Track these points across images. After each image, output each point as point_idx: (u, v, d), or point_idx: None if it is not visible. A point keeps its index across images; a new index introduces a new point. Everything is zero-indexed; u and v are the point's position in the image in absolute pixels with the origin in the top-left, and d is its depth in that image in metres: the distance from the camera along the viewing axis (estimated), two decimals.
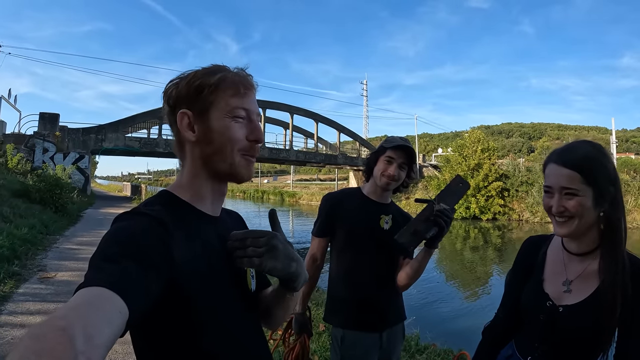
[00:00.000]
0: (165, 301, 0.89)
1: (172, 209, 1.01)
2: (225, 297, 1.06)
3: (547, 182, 1.43)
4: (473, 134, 38.03)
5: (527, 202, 33.70)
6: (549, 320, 1.45)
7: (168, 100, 1.09)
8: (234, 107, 1.06)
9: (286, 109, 39.63)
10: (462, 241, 23.63)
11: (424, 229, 1.85)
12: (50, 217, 13.58)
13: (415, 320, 5.93)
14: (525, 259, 1.66)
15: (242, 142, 1.07)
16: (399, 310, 2.35)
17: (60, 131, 25.51)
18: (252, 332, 1.15)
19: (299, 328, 2.43)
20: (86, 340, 0.62)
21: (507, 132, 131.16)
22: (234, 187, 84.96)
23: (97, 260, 0.83)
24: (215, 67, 1.09)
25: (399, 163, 2.23)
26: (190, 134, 1.06)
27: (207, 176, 1.10)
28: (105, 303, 0.72)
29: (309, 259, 2.39)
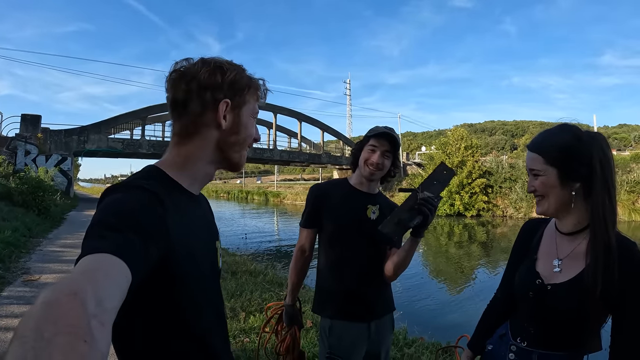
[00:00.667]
0: (156, 276, 0.91)
1: (162, 186, 1.03)
2: (209, 274, 1.14)
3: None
4: (456, 131, 38.30)
5: (511, 198, 34.09)
6: (537, 299, 1.48)
7: (202, 82, 1.11)
8: (256, 111, 1.23)
9: (270, 108, 39.47)
10: (447, 238, 23.82)
11: (407, 218, 1.83)
12: (34, 219, 13.41)
13: (403, 315, 5.98)
14: (523, 241, 1.70)
15: (251, 139, 1.23)
16: (387, 301, 2.34)
17: (42, 133, 25.15)
18: (220, 305, 1.24)
19: (290, 320, 2.44)
20: (97, 303, 0.63)
21: (490, 130, 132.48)
22: (218, 188, 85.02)
23: (98, 229, 0.84)
24: (245, 70, 1.20)
25: (382, 151, 2.22)
26: (224, 122, 1.14)
27: (213, 160, 1.18)
28: (112, 268, 0.74)
29: (298, 251, 2.39)
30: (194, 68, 1.12)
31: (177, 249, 0.97)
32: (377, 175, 2.26)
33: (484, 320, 1.83)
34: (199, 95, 1.11)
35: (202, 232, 1.15)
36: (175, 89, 1.12)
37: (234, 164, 1.22)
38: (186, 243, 1.01)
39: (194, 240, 1.06)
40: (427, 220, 1.83)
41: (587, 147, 1.39)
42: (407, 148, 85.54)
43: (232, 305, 5.74)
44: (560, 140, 1.44)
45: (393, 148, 2.25)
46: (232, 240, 17.83)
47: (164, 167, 1.12)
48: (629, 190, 29.75)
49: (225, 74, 1.12)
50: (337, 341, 2.19)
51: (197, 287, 1.06)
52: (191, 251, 1.03)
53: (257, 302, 5.96)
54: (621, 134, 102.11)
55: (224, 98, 1.12)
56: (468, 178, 34.53)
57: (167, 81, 1.14)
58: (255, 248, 17.17)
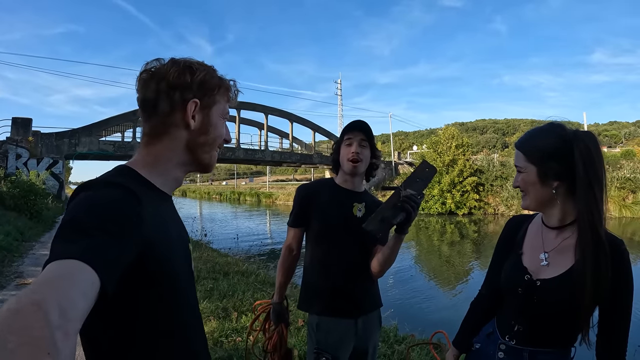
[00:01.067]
0: (131, 276, 0.90)
1: (136, 183, 1.03)
2: (181, 276, 1.09)
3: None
4: (447, 130, 38.30)
5: (502, 196, 34.20)
6: (527, 294, 1.48)
7: (171, 82, 1.10)
8: (227, 112, 1.24)
9: (261, 109, 39.43)
10: (439, 236, 23.83)
11: (391, 215, 1.84)
12: (26, 223, 13.36)
13: (394, 313, 6.01)
14: (508, 236, 1.71)
15: (222, 140, 1.23)
16: (374, 297, 2.36)
17: (33, 136, 24.92)
18: (196, 306, 1.22)
19: (277, 318, 2.47)
20: (61, 314, 0.63)
21: (481, 128, 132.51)
22: (210, 189, 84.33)
23: (68, 231, 0.82)
24: (215, 70, 1.20)
25: (358, 140, 2.26)
26: (192, 122, 1.13)
27: (183, 161, 1.17)
28: (78, 276, 0.72)
29: (285, 250, 2.42)
30: (164, 68, 1.11)
31: (155, 246, 0.96)
32: (360, 168, 2.28)
33: (469, 317, 1.82)
34: (167, 95, 1.10)
35: (177, 232, 1.14)
36: (145, 89, 1.11)
37: (204, 164, 1.20)
38: (163, 240, 1.01)
39: (170, 239, 1.06)
40: (411, 216, 1.85)
41: (568, 146, 1.41)
42: (399, 147, 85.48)
43: (224, 306, 5.75)
44: (542, 139, 1.48)
45: (368, 136, 2.28)
46: (224, 242, 17.74)
47: (135, 166, 1.10)
48: (619, 187, 29.98)
49: (194, 74, 1.12)
50: (325, 337, 2.20)
51: (176, 284, 1.06)
52: (168, 249, 1.03)
53: (249, 302, 5.97)
54: (611, 131, 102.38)
55: (193, 98, 1.12)
56: (459, 176, 34.57)
57: (137, 81, 1.13)
58: (247, 249, 17.09)
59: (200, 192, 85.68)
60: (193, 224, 18.03)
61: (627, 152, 40.70)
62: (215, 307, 5.68)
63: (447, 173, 34.79)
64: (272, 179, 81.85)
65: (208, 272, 7.98)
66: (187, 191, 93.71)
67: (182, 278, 1.09)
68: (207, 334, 4.72)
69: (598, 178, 1.40)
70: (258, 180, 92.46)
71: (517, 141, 1.56)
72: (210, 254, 10.60)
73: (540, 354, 1.47)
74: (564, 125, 1.49)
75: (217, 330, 4.81)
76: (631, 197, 30.04)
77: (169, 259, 1.03)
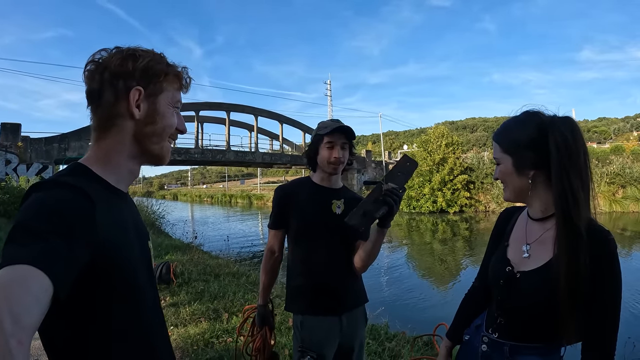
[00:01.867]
0: (86, 276, 0.88)
1: (88, 182, 1.00)
2: (138, 276, 1.07)
3: None
4: (437, 129, 38.38)
5: (493, 194, 34.30)
6: (507, 286, 1.47)
7: (113, 70, 1.06)
8: (177, 100, 1.18)
9: (250, 111, 39.29)
10: (431, 234, 23.89)
11: (373, 209, 1.85)
12: None
13: (384, 311, 6.03)
14: (499, 228, 1.71)
15: (173, 130, 1.18)
16: (358, 293, 2.36)
17: (22, 142, 24.64)
18: (157, 306, 1.19)
19: (261, 320, 2.47)
20: (14, 321, 0.62)
21: (471, 126, 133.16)
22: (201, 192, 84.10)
23: (19, 234, 0.81)
24: (163, 57, 1.16)
25: (340, 144, 2.27)
26: (137, 111, 1.08)
27: (133, 154, 1.13)
28: (30, 282, 0.71)
29: (267, 252, 2.42)
30: (108, 57, 1.08)
31: (108, 247, 0.94)
32: (340, 169, 2.30)
33: (462, 309, 1.82)
34: (111, 85, 1.06)
35: (133, 230, 1.11)
36: (90, 80, 1.07)
37: (155, 156, 1.16)
38: (117, 240, 0.99)
39: (125, 238, 1.04)
40: (393, 210, 1.85)
41: (544, 134, 1.39)
42: (390, 147, 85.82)
43: (215, 307, 5.77)
44: (517, 129, 1.47)
45: (348, 139, 2.30)
46: (215, 244, 17.71)
47: (88, 163, 1.07)
48: (609, 182, 30.25)
49: (137, 61, 1.08)
50: (309, 335, 2.21)
51: (133, 283, 1.04)
52: (123, 248, 1.01)
53: (239, 302, 5.98)
54: (601, 127, 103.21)
55: (136, 86, 1.07)
56: (450, 175, 34.64)
57: (84, 73, 1.08)
58: (238, 250, 17.09)
59: (191, 195, 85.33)
60: (184, 227, 17.98)
61: (616, 147, 41.04)
62: (206, 308, 5.69)
63: (438, 172, 34.89)
64: (264, 180, 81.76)
65: (199, 274, 7.97)
66: (179, 194, 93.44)
67: (139, 276, 1.07)
68: (198, 334, 4.74)
69: (574, 164, 1.35)
70: (249, 182, 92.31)
71: (494, 132, 1.56)
72: (201, 256, 10.57)
73: (523, 349, 1.43)
74: (540, 112, 1.47)
75: (208, 331, 4.82)
76: (621, 191, 30.36)
77: (125, 258, 1.01)
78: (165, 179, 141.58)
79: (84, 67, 1.09)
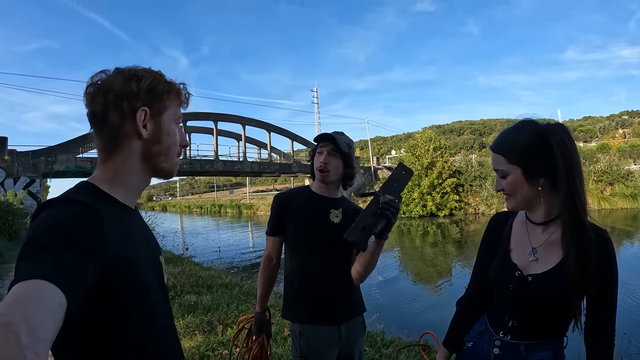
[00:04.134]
0: (96, 292, 0.89)
1: (97, 199, 1.01)
2: (149, 290, 1.08)
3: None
4: (424, 133, 38.68)
5: (482, 196, 34.63)
6: (519, 290, 1.50)
7: (116, 92, 1.07)
8: (180, 116, 1.21)
9: (238, 120, 39.28)
10: (422, 238, 24.03)
11: (372, 223, 1.85)
12: (4, 245, 13.06)
13: (379, 317, 6.00)
14: (493, 233, 1.71)
15: (179, 146, 1.21)
16: (356, 303, 2.36)
17: (9, 155, 24.34)
18: (170, 321, 1.21)
19: (259, 328, 2.44)
20: (31, 334, 0.63)
21: (458, 130, 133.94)
22: (190, 203, 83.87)
23: (31, 250, 0.82)
24: (162, 75, 1.17)
25: (327, 150, 2.26)
26: (144, 131, 1.10)
27: (142, 172, 1.15)
28: (45, 296, 0.72)
29: (265, 259, 2.41)
30: (110, 79, 1.09)
31: (118, 262, 0.95)
32: (329, 177, 2.28)
33: (458, 317, 1.82)
34: (115, 106, 1.07)
35: (143, 246, 1.13)
36: (93, 103, 1.08)
37: (165, 172, 1.19)
38: (127, 256, 1.00)
39: (135, 253, 1.04)
40: (391, 222, 1.87)
41: (546, 141, 1.43)
42: (377, 152, 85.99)
43: (209, 319, 5.69)
44: (520, 139, 1.48)
45: (338, 147, 2.26)
46: (206, 255, 17.62)
47: (97, 182, 1.08)
48: (596, 180, 30.84)
49: (140, 82, 1.09)
50: (308, 345, 2.19)
51: (145, 298, 1.04)
52: (133, 264, 1.01)
53: (233, 314, 5.92)
54: (586, 126, 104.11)
55: (142, 106, 1.09)
56: (439, 178, 34.87)
57: (85, 96, 1.09)
58: (230, 261, 17.01)
59: (180, 206, 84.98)
60: (174, 239, 17.86)
61: (602, 145, 41.74)
62: (200, 321, 5.62)
63: (427, 176, 35.11)
64: (253, 189, 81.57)
65: (191, 286, 7.90)
66: (168, 205, 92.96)
67: (151, 291, 1.08)
68: (193, 348, 4.68)
69: (577, 168, 1.42)
70: (238, 191, 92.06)
71: (494, 144, 1.55)
72: (193, 268, 10.48)
73: (537, 346, 1.50)
74: (535, 120, 1.51)
75: (203, 344, 4.76)
76: (609, 189, 30.95)
77: (135, 274, 1.02)
78: (153, 190, 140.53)
79: (84, 89, 1.10)
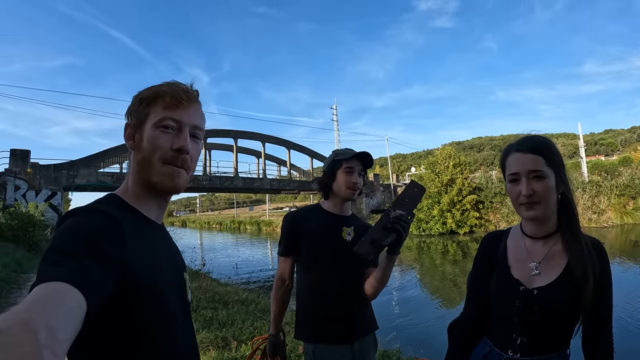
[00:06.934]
0: (115, 301, 0.89)
1: (121, 211, 1.03)
2: (170, 304, 1.07)
3: (512, 169, 1.49)
4: (444, 150, 38.49)
5: (503, 212, 34.19)
6: (526, 304, 1.47)
7: (126, 112, 1.15)
8: (162, 118, 1.10)
9: (258, 137, 39.64)
10: (442, 256, 23.73)
11: (382, 237, 1.85)
12: (24, 255, 13.34)
13: (396, 336, 5.93)
14: (486, 253, 1.69)
15: (167, 151, 1.09)
16: (368, 320, 2.35)
17: (31, 168, 24.86)
18: (189, 341, 1.18)
19: (273, 350, 2.41)
20: (49, 334, 0.62)
21: (477, 146, 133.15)
22: (210, 218, 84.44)
23: (54, 254, 0.83)
24: (161, 83, 1.15)
25: (358, 171, 2.30)
26: (130, 143, 1.13)
27: (142, 184, 1.13)
28: (66, 297, 0.73)
29: (278, 280, 2.40)
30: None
31: (137, 273, 0.95)
32: (356, 195, 2.32)
33: (457, 341, 1.77)
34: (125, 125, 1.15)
35: (166, 261, 1.12)
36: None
37: (152, 183, 1.11)
38: (147, 267, 0.99)
39: (156, 266, 1.04)
40: (401, 237, 1.85)
41: (558, 154, 1.46)
42: (397, 170, 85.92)
43: (223, 335, 5.70)
44: (554, 145, 1.48)
45: (365, 167, 2.33)
46: (223, 271, 17.66)
47: (120, 194, 1.12)
48: (618, 194, 30.15)
49: (136, 97, 1.14)
50: None
51: (162, 313, 1.03)
52: (153, 276, 1.01)
53: (248, 330, 5.92)
54: (607, 139, 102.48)
55: (130, 119, 1.14)
56: (458, 195, 34.61)
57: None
58: (247, 277, 17.03)
59: (200, 221, 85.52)
60: (193, 254, 17.96)
61: (624, 159, 40.96)
62: (215, 336, 5.62)
63: (446, 193, 34.86)
64: (272, 206, 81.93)
65: (207, 301, 7.93)
66: (187, 221, 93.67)
67: (171, 307, 1.07)
68: None
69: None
70: (258, 208, 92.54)
71: (528, 145, 1.48)
72: (210, 284, 10.53)
73: None
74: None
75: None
76: (631, 203, 30.19)
77: (155, 285, 1.01)
78: (174, 206, 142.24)
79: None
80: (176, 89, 1.13)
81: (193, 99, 1.16)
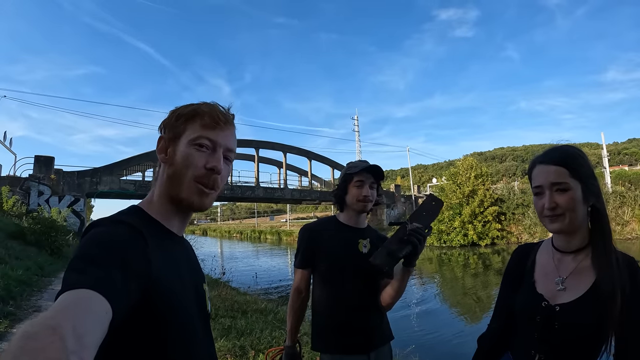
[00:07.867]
0: (137, 312, 0.90)
1: (144, 223, 1.04)
2: (190, 315, 1.08)
3: (536, 182, 1.47)
4: (466, 161, 38.19)
5: (525, 224, 33.74)
6: (546, 321, 1.43)
7: (161, 125, 1.19)
8: (198, 136, 1.12)
9: (279, 148, 39.84)
10: (462, 268, 23.44)
11: (398, 248, 1.87)
12: (46, 259, 13.46)
13: (415, 349, 5.86)
14: (516, 266, 1.67)
15: (200, 169, 1.11)
16: (384, 331, 2.35)
17: (55, 174, 25.34)
18: (208, 351, 1.19)
19: None
20: (77, 340, 0.64)
21: (500, 157, 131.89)
22: (230, 228, 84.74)
23: (80, 263, 0.84)
24: (200, 103, 1.18)
25: (369, 184, 2.32)
26: (162, 155, 1.15)
27: (169, 198, 1.14)
28: (92, 304, 0.74)
29: (294, 292, 2.42)
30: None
31: (160, 284, 0.96)
32: (369, 207, 2.34)
33: (482, 354, 1.74)
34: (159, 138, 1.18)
35: (187, 272, 1.14)
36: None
37: (180, 199, 1.12)
38: (169, 279, 1.01)
39: (177, 278, 1.06)
40: (417, 249, 1.87)
41: (589, 161, 1.45)
42: (418, 181, 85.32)
43: (241, 344, 5.70)
44: (582, 155, 1.45)
45: (377, 179, 2.35)
46: (243, 280, 17.71)
47: (144, 206, 1.14)
48: None
49: (173, 113, 1.17)
50: None
51: (183, 324, 1.05)
52: (175, 288, 1.02)
53: (266, 340, 5.91)
54: (631, 149, 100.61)
55: (165, 132, 1.17)
56: (480, 207, 34.27)
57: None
58: (267, 287, 17.05)
59: (220, 230, 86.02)
60: (213, 262, 18.04)
61: None
62: (233, 345, 5.63)
63: (468, 204, 34.56)
64: (293, 216, 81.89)
65: (226, 310, 7.95)
66: (208, 230, 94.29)
67: (192, 315, 1.09)
68: None
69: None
70: (279, 218, 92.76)
71: (552, 157, 1.46)
72: (229, 292, 10.56)
73: None
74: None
75: None
76: None
77: (177, 297, 1.03)
78: (195, 215, 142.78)
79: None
80: (215, 110, 1.16)
81: (230, 122, 1.19)
